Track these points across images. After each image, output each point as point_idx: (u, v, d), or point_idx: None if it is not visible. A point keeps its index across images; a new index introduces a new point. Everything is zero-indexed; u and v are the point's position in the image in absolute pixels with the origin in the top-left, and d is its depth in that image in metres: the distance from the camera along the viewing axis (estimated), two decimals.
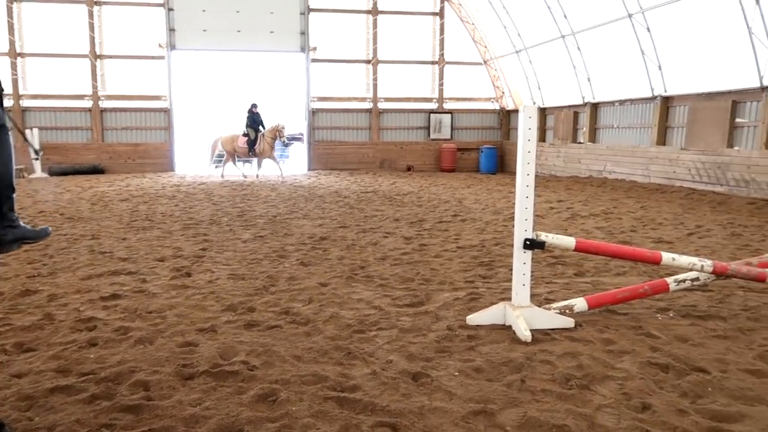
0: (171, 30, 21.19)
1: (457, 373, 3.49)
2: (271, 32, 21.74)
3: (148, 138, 21.70)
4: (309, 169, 22.44)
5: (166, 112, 21.63)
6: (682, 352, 3.78)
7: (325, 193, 14.30)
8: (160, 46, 21.23)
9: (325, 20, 22.40)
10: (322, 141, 22.87)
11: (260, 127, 18.54)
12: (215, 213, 10.62)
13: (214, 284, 5.57)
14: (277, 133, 18.34)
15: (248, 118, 18.64)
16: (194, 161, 22.24)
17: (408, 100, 23.43)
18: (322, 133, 22.91)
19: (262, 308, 4.78)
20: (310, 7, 21.93)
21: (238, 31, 21.46)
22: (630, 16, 15.21)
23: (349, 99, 23.10)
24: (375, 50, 22.79)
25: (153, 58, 21.37)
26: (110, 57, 21.17)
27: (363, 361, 3.67)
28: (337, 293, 5.25)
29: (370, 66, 22.95)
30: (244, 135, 18.55)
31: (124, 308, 4.76)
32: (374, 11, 22.57)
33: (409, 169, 23.14)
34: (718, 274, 4.56)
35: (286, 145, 21.76)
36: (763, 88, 12.24)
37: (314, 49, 22.28)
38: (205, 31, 21.33)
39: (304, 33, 21.99)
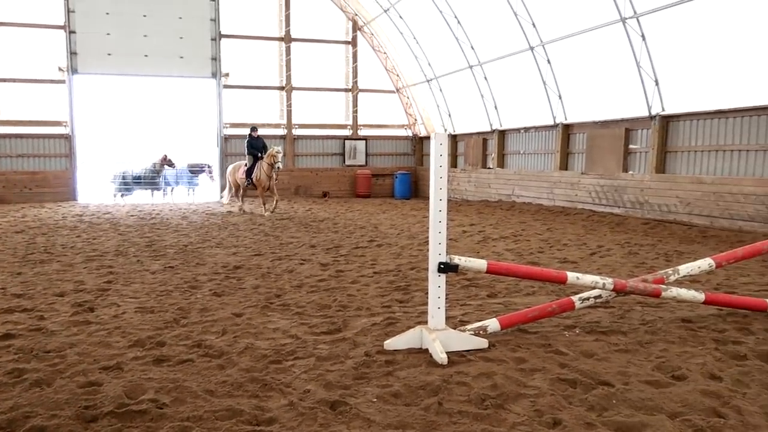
0: (72, 53, 20.23)
1: (375, 400, 3.48)
2: (181, 57, 21.23)
3: (47, 166, 20.44)
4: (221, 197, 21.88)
5: (67, 138, 20.51)
6: (589, 367, 3.95)
7: (239, 221, 14.00)
8: (60, 69, 20.21)
9: (237, 46, 22.17)
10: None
11: (260, 154, 16.08)
12: (121, 243, 10.13)
13: (120, 319, 5.28)
14: (272, 159, 15.51)
15: (247, 143, 16.42)
16: (99, 190, 21.20)
17: (323, 126, 23.52)
18: (235, 160, 22.35)
19: (173, 342, 4.58)
20: (222, 33, 21.64)
21: (146, 56, 20.80)
22: (531, 48, 16.08)
23: (263, 125, 22.83)
24: (288, 77, 22.78)
25: (53, 82, 20.28)
26: (5, 80, 19.89)
27: (280, 392, 3.58)
28: (252, 323, 5.12)
29: (283, 93, 22.90)
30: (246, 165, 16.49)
31: (18, 348, 4.41)
32: (287, 38, 22.61)
33: (324, 195, 23.12)
34: (618, 291, 4.84)
35: (194, 173, 21.34)
36: (651, 117, 13.24)
37: (226, 75, 21.97)
38: (109, 55, 20.51)
39: (215, 59, 21.63)
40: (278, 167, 15.46)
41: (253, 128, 16.71)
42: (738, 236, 10.35)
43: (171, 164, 20.62)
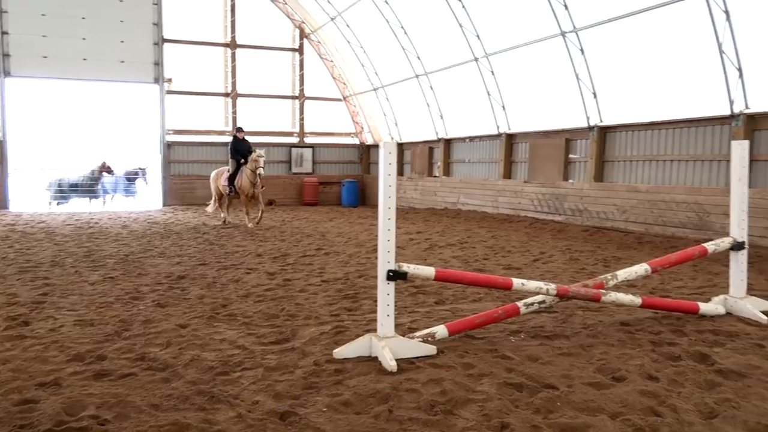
0: (5, 55, 19.37)
1: (325, 409, 3.46)
2: (122, 62, 20.64)
3: None
4: (164, 205, 21.36)
5: None
6: (534, 370, 4.06)
7: (182, 230, 13.68)
8: None
9: (181, 51, 21.74)
10: (179, 175, 21.94)
11: (243, 159, 14.56)
12: (58, 254, 9.73)
13: (57, 332, 5.07)
14: (254, 164, 14.18)
15: (231, 146, 14.94)
16: (32, 198, 20.31)
17: (269, 134, 23.29)
18: (179, 167, 21.99)
19: (114, 356, 4.43)
20: (165, 37, 21.18)
21: (85, 60, 20.12)
22: (476, 59, 16.43)
23: (207, 132, 22.50)
24: (234, 83, 22.48)
25: None
26: None
27: (228, 404, 3.52)
28: (197, 334, 5.01)
29: (229, 99, 22.58)
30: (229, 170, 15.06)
31: None
32: (233, 45, 22.33)
33: (270, 203, 22.84)
34: (561, 296, 4.99)
35: (131, 180, 20.80)
36: (590, 128, 13.73)
37: (170, 80, 21.49)
38: (45, 57, 19.74)
39: (158, 64, 21.13)
40: (260, 173, 14.16)
41: (239, 129, 15.21)
42: (671, 242, 10.83)
43: (110, 171, 20.03)
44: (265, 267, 8.55)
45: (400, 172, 22.39)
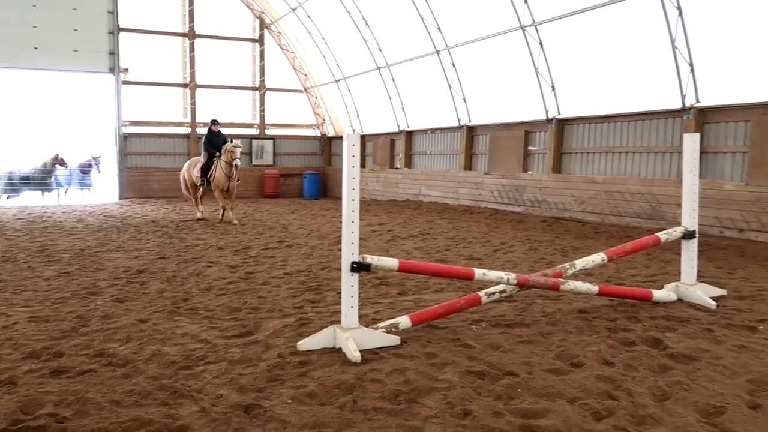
0: None
1: (290, 401, 3.47)
2: (75, 51, 19.98)
3: None
4: (121, 198, 20.86)
5: None
6: (495, 358, 4.14)
7: (140, 223, 13.40)
8: None
9: (138, 41, 21.19)
10: (136, 167, 21.45)
11: (219, 153, 13.50)
12: (9, 249, 9.42)
13: (11, 329, 4.92)
14: (230, 155, 13.09)
15: (205, 140, 13.90)
16: None
17: (229, 125, 22.87)
18: (136, 159, 21.50)
19: (72, 352, 4.33)
20: (120, 26, 20.60)
21: (36, 48, 19.39)
22: (437, 52, 16.51)
23: (166, 124, 22.03)
24: (193, 74, 22.06)
25: None
26: None
27: (191, 399, 3.49)
28: (158, 329, 4.94)
29: (188, 90, 22.14)
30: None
31: None
32: (191, 34, 21.88)
33: None
34: (521, 285, 5.10)
35: (84, 173, 20.23)
36: (548, 120, 13.98)
37: (126, 70, 20.93)
38: None
39: (113, 53, 20.54)
40: (237, 164, 13.14)
41: (214, 121, 14.06)
42: (626, 232, 11.14)
43: (63, 164, 19.43)
44: (226, 260, 8.46)
45: (362, 164, 22.38)
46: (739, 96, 10.22)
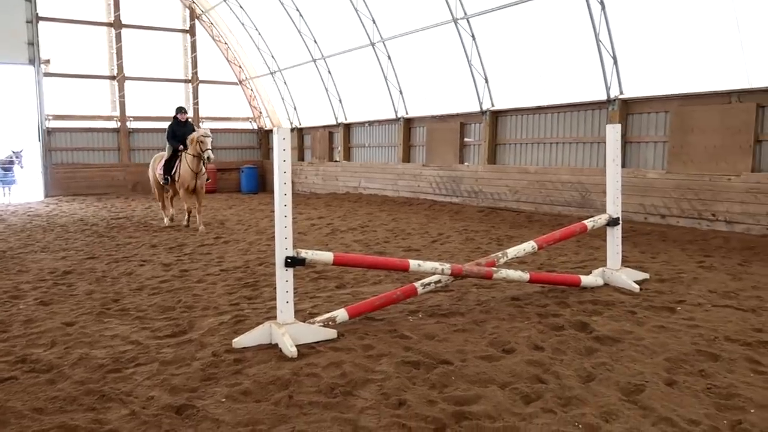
0: None
1: (224, 399, 3.42)
2: None
3: None
4: (46, 196, 19.91)
5: None
6: (430, 348, 4.21)
7: (67, 222, 12.85)
8: None
9: (60, 31, 20.20)
10: (62, 164, 20.53)
11: (184, 145, 11.71)
12: None
13: None
14: (199, 146, 11.17)
15: (169, 129, 11.99)
16: None
17: (160, 119, 22.16)
18: (62, 155, 20.57)
19: None
20: (39, 15, 19.58)
21: None
22: (373, 44, 16.52)
23: (93, 117, 21.15)
24: (120, 65, 21.24)
25: None
26: None
27: (120, 402, 3.39)
28: (86, 332, 4.76)
29: (115, 82, 21.32)
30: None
31: None
32: (117, 24, 21.04)
33: None
34: (456, 275, 5.19)
35: (6, 170, 19.11)
36: (483, 112, 14.25)
37: (47, 61, 19.93)
38: None
39: (32, 44, 19.51)
40: (208, 157, 11.16)
41: (180, 109, 12.11)
42: (558, 220, 11.51)
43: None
44: (160, 258, 8.24)
45: (301, 158, 22.20)
46: (660, 88, 10.72)
